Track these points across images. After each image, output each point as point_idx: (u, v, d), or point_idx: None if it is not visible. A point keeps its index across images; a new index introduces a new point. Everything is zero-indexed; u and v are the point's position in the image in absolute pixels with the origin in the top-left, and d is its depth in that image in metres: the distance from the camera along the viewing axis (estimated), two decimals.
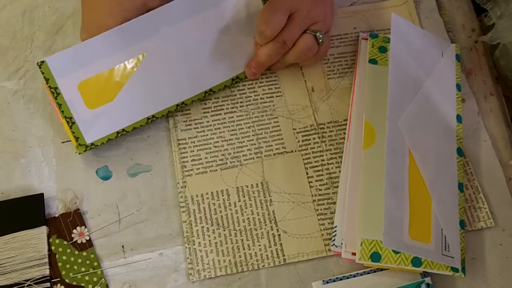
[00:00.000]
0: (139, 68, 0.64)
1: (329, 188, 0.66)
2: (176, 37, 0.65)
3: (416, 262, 0.60)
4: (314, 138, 0.68)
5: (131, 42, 0.63)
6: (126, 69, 0.64)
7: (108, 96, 0.64)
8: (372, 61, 0.70)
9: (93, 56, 0.62)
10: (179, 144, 0.68)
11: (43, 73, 0.60)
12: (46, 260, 0.61)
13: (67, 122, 0.63)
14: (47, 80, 0.61)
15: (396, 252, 0.60)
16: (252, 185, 0.66)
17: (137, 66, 0.64)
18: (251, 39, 0.68)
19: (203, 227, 0.64)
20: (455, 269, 0.60)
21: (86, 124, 0.64)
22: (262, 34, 0.66)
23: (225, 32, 0.67)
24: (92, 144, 0.65)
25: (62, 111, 0.62)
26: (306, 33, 0.67)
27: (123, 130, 0.66)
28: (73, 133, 0.64)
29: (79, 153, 0.65)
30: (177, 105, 0.68)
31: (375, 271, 0.62)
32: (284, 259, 0.63)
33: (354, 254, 0.61)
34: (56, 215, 0.64)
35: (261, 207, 0.65)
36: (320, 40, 0.67)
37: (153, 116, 0.67)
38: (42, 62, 0.60)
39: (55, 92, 0.61)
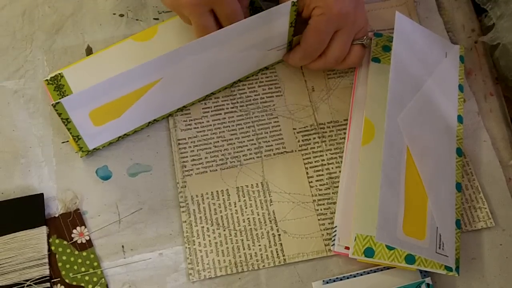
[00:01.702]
0: (150, 91, 0.62)
1: (329, 188, 0.66)
2: (197, 64, 0.63)
3: (410, 259, 0.60)
4: (314, 138, 0.68)
5: (148, 74, 0.61)
6: (137, 93, 0.62)
7: (115, 114, 0.63)
8: (375, 60, 0.70)
9: (108, 91, 0.60)
10: (179, 144, 0.67)
11: (56, 110, 0.58)
12: (46, 260, 0.61)
13: (74, 138, 0.62)
14: (59, 114, 0.59)
15: (390, 248, 0.60)
16: (252, 185, 0.66)
17: (149, 89, 0.62)
18: (265, 51, 0.68)
19: (203, 227, 0.64)
20: (448, 268, 0.60)
21: (91, 137, 0.63)
22: (310, 56, 0.66)
23: (246, 50, 0.66)
24: (94, 149, 0.65)
25: (71, 132, 0.61)
26: (354, 45, 0.67)
27: (125, 134, 0.66)
28: (78, 145, 0.64)
29: (81, 157, 0.66)
30: (178, 108, 0.68)
31: (375, 271, 0.62)
32: (284, 259, 0.63)
33: (347, 248, 0.62)
34: (56, 215, 0.64)
35: (261, 207, 0.65)
36: (367, 44, 0.68)
37: (155, 120, 0.67)
38: (57, 103, 0.57)
39: (66, 121, 0.60)
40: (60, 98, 0.60)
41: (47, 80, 0.68)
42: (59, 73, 0.68)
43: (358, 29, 0.66)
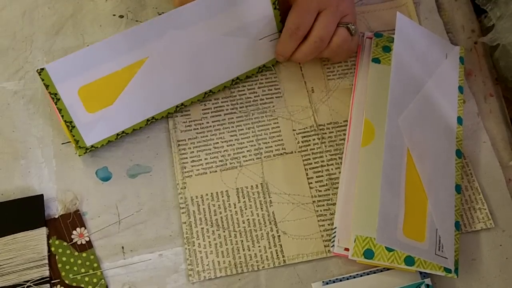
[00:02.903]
0: (139, 72, 0.63)
1: (329, 189, 0.66)
2: (181, 41, 0.64)
3: (409, 261, 0.60)
4: (314, 139, 0.68)
5: (134, 47, 0.62)
6: (126, 73, 0.63)
7: (108, 100, 0.63)
8: (375, 60, 0.70)
9: (93, 62, 0.61)
10: (178, 145, 0.68)
11: (43, 79, 0.59)
12: (46, 261, 0.61)
13: (67, 126, 0.63)
14: (46, 86, 0.59)
15: (389, 250, 0.60)
16: (252, 186, 0.66)
17: (138, 70, 0.63)
18: (256, 41, 0.68)
19: (203, 228, 0.64)
20: (448, 270, 0.60)
21: (85, 127, 0.64)
22: (294, 35, 0.66)
23: (231, 35, 0.66)
24: (92, 146, 0.65)
25: (62, 116, 0.62)
26: (339, 27, 0.67)
27: (123, 132, 0.66)
28: (73, 136, 0.64)
29: (79, 155, 0.66)
30: (177, 106, 0.68)
31: (375, 272, 0.62)
32: (284, 260, 0.63)
33: (347, 249, 0.62)
34: (56, 216, 0.64)
35: (261, 208, 0.65)
36: (353, 32, 0.68)
37: (153, 117, 0.67)
38: (42, 69, 0.58)
39: (55, 97, 0.60)
40: (60, 106, 0.61)
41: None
42: None
43: (343, 14, 0.67)
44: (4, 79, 0.70)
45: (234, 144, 0.68)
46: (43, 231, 0.62)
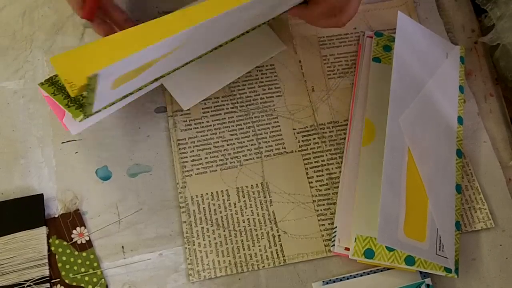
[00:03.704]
0: (167, 57, 0.60)
1: (329, 189, 0.66)
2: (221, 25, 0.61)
3: (410, 260, 0.60)
4: (314, 139, 0.68)
5: (178, 42, 0.59)
6: (155, 60, 0.60)
7: (132, 77, 0.61)
8: (376, 59, 0.70)
9: (135, 61, 0.57)
10: (179, 144, 0.67)
11: (89, 84, 0.56)
12: (46, 260, 0.61)
13: (85, 105, 0.57)
14: (88, 85, 0.54)
15: (390, 250, 0.60)
16: (252, 185, 0.66)
17: (168, 55, 0.62)
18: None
19: (203, 227, 0.64)
20: (448, 270, 0.60)
21: (101, 101, 0.59)
22: (330, 12, 0.65)
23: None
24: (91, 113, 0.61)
25: (83, 102, 0.58)
26: None
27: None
28: (84, 111, 0.59)
29: (80, 121, 0.60)
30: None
31: (375, 272, 0.62)
32: (284, 260, 0.63)
33: (347, 249, 0.62)
34: (56, 216, 0.64)
35: (261, 208, 0.65)
36: None
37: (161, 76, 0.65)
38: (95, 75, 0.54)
39: (91, 91, 0.57)
40: (55, 92, 0.59)
41: (41, 83, 0.66)
42: (54, 75, 0.67)
43: None
44: (4, 79, 0.70)
45: (234, 143, 0.68)
46: (43, 230, 0.62)
